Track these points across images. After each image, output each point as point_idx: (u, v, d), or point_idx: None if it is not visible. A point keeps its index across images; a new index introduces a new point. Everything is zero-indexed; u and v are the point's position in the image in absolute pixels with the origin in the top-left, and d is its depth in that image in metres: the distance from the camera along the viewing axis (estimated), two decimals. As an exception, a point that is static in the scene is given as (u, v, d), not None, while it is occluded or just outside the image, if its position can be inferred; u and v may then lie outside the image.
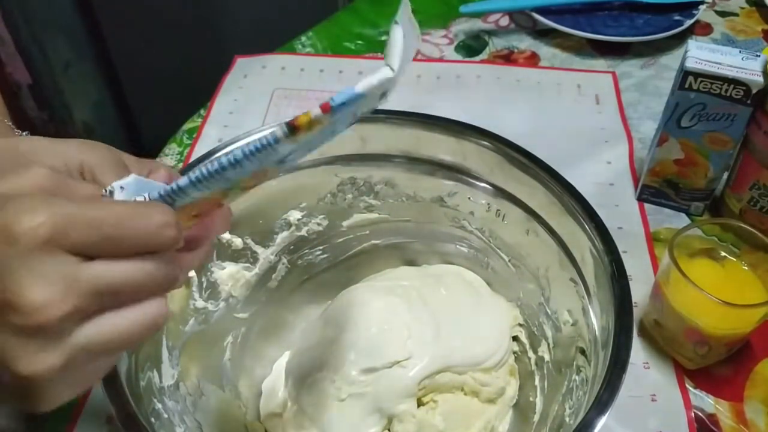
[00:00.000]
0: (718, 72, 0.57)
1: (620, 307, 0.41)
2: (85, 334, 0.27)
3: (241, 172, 0.29)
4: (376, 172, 0.55)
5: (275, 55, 0.88)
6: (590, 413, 0.36)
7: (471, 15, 0.93)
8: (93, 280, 0.27)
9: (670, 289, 0.53)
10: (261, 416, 0.53)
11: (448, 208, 0.55)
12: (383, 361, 0.49)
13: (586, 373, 0.44)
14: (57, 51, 1.11)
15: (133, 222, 0.28)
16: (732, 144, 0.61)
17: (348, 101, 0.27)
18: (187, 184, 0.29)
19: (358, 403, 0.49)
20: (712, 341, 0.52)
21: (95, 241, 0.27)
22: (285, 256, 0.56)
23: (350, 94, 0.27)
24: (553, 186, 0.48)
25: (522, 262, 0.53)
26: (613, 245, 0.44)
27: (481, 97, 0.81)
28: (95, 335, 0.27)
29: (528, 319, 0.54)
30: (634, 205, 0.69)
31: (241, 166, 0.28)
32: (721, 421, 0.53)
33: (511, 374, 0.53)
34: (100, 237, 0.27)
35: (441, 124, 0.52)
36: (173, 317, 0.47)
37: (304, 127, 0.27)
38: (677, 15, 0.89)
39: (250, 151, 0.28)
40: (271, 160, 0.29)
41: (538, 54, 0.88)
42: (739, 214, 0.64)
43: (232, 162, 0.28)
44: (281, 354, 0.56)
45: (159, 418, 0.41)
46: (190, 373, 0.47)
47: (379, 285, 0.56)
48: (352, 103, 0.27)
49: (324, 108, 0.27)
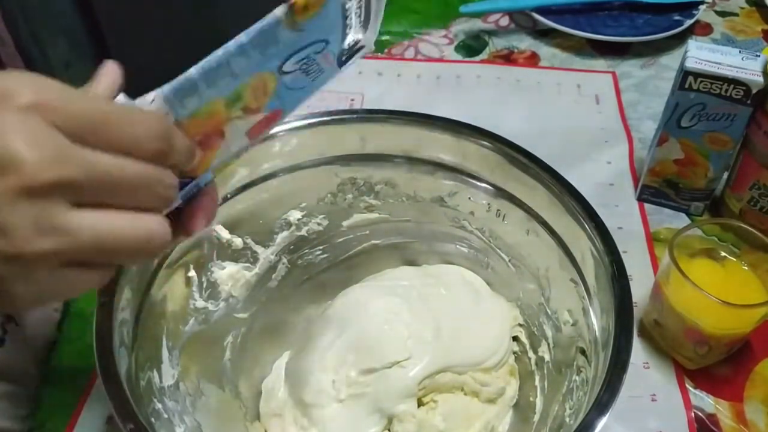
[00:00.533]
0: (718, 72, 0.57)
1: (620, 308, 0.41)
2: (78, 220, 0.27)
3: (245, 65, 0.29)
4: (376, 172, 0.55)
5: (275, 55, 0.88)
6: (590, 414, 0.36)
7: (471, 15, 0.93)
8: (87, 161, 0.26)
9: (670, 289, 0.53)
10: (261, 416, 0.53)
11: (448, 208, 0.55)
12: (383, 362, 0.49)
13: (587, 373, 0.44)
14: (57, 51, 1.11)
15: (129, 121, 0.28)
16: (732, 144, 0.61)
17: None
18: (196, 75, 0.29)
19: (357, 404, 0.49)
20: (712, 341, 0.52)
21: (85, 129, 0.27)
22: (285, 256, 0.56)
23: None
24: (553, 186, 0.48)
25: (522, 262, 0.53)
26: (614, 245, 0.44)
27: (481, 97, 0.81)
28: (89, 225, 0.27)
29: (528, 319, 0.54)
30: (634, 205, 0.69)
31: (246, 55, 0.29)
32: (721, 421, 0.53)
33: (511, 374, 0.53)
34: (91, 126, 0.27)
35: (441, 124, 0.52)
36: (173, 317, 0.47)
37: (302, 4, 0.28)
38: (677, 15, 0.89)
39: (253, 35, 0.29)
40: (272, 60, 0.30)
41: (538, 54, 0.88)
42: (739, 214, 0.64)
43: (238, 47, 0.29)
44: (281, 354, 0.56)
45: (159, 418, 0.41)
46: (190, 373, 0.47)
47: (379, 285, 0.56)
48: None
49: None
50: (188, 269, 0.48)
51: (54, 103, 0.26)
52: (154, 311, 0.45)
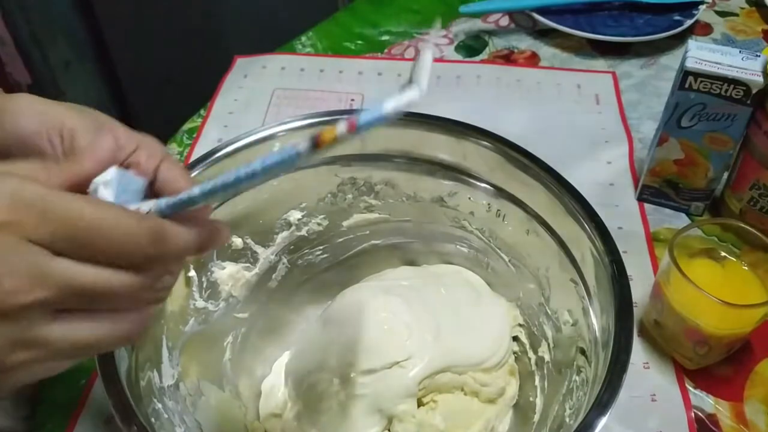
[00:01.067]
0: (718, 72, 0.57)
1: (620, 308, 0.41)
2: (57, 334, 0.26)
3: (253, 182, 0.29)
4: (376, 172, 0.55)
5: (275, 55, 0.88)
6: (591, 414, 0.36)
7: (471, 15, 0.93)
8: (66, 277, 0.26)
9: (670, 289, 0.53)
10: (261, 416, 0.53)
11: (448, 208, 0.55)
12: (383, 362, 0.49)
13: (587, 373, 0.44)
14: (57, 51, 1.11)
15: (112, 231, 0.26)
16: (732, 144, 0.61)
17: (374, 121, 0.26)
18: (199, 195, 0.29)
19: (357, 404, 0.49)
20: (712, 341, 0.52)
21: (66, 240, 0.26)
22: (285, 256, 0.56)
23: (377, 114, 0.26)
24: (553, 186, 0.48)
25: (522, 262, 0.53)
26: (614, 245, 0.44)
27: (481, 97, 0.81)
28: (66, 336, 0.26)
29: (528, 319, 0.54)
30: (634, 205, 0.69)
31: (256, 178, 0.28)
32: (721, 421, 0.53)
33: (512, 374, 0.53)
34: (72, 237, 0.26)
35: (441, 124, 0.52)
36: (173, 317, 0.47)
37: (328, 143, 0.27)
38: (677, 15, 0.89)
39: (270, 165, 0.28)
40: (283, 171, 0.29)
41: (538, 54, 0.88)
42: (739, 214, 0.64)
43: (249, 174, 0.28)
44: (281, 354, 0.56)
45: (159, 418, 0.41)
46: (190, 373, 0.47)
47: (379, 285, 0.56)
48: (377, 122, 0.26)
49: (351, 127, 0.26)
50: (188, 269, 0.49)
51: (30, 219, 0.25)
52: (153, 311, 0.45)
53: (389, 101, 0.26)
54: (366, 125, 0.26)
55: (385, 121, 0.26)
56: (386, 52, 0.88)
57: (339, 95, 0.81)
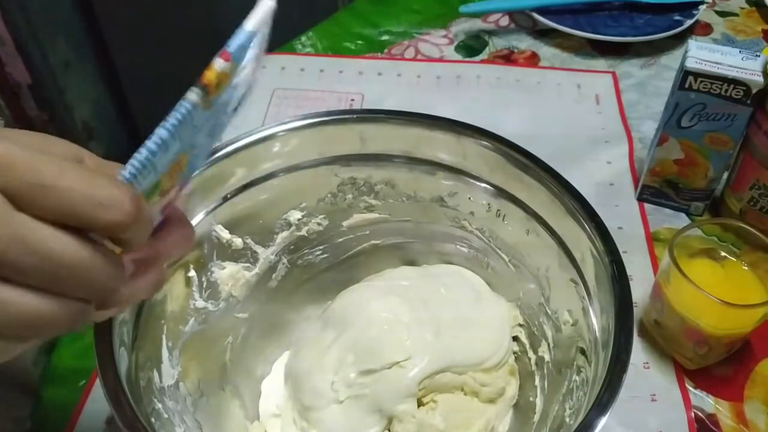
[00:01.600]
0: (718, 72, 0.57)
1: (620, 308, 0.41)
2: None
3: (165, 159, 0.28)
4: (376, 172, 0.55)
5: (275, 55, 0.88)
6: (590, 414, 0.36)
7: (471, 15, 0.93)
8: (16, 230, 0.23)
9: (670, 289, 0.53)
10: (261, 416, 0.53)
11: (448, 208, 0.55)
12: (382, 363, 0.49)
13: (587, 373, 0.43)
14: (57, 51, 1.11)
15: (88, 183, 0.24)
16: (732, 144, 0.61)
17: (243, 43, 0.27)
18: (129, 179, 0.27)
19: (357, 404, 0.49)
20: (712, 341, 0.52)
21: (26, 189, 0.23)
22: (285, 256, 0.56)
23: (243, 35, 0.28)
24: (553, 186, 0.48)
25: (522, 262, 0.53)
26: (614, 245, 0.44)
27: (481, 97, 0.81)
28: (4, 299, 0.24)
29: (528, 319, 0.54)
30: (634, 205, 0.69)
31: (166, 149, 0.27)
32: (721, 421, 0.53)
33: (512, 374, 0.53)
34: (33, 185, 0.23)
35: (441, 124, 0.52)
36: (173, 317, 0.47)
37: (215, 83, 0.28)
38: (677, 15, 0.89)
39: (172, 128, 0.27)
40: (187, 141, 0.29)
41: (538, 54, 0.88)
42: (739, 214, 0.64)
43: (158, 145, 0.27)
44: (281, 354, 0.56)
45: (159, 418, 0.41)
46: (190, 373, 0.47)
47: (379, 285, 0.56)
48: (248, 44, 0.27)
49: (224, 57, 0.27)
50: (188, 269, 0.48)
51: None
52: (154, 311, 0.45)
53: (248, 20, 0.28)
54: (238, 50, 0.28)
55: (252, 39, 0.28)
56: (386, 52, 0.88)
57: (339, 95, 0.81)
